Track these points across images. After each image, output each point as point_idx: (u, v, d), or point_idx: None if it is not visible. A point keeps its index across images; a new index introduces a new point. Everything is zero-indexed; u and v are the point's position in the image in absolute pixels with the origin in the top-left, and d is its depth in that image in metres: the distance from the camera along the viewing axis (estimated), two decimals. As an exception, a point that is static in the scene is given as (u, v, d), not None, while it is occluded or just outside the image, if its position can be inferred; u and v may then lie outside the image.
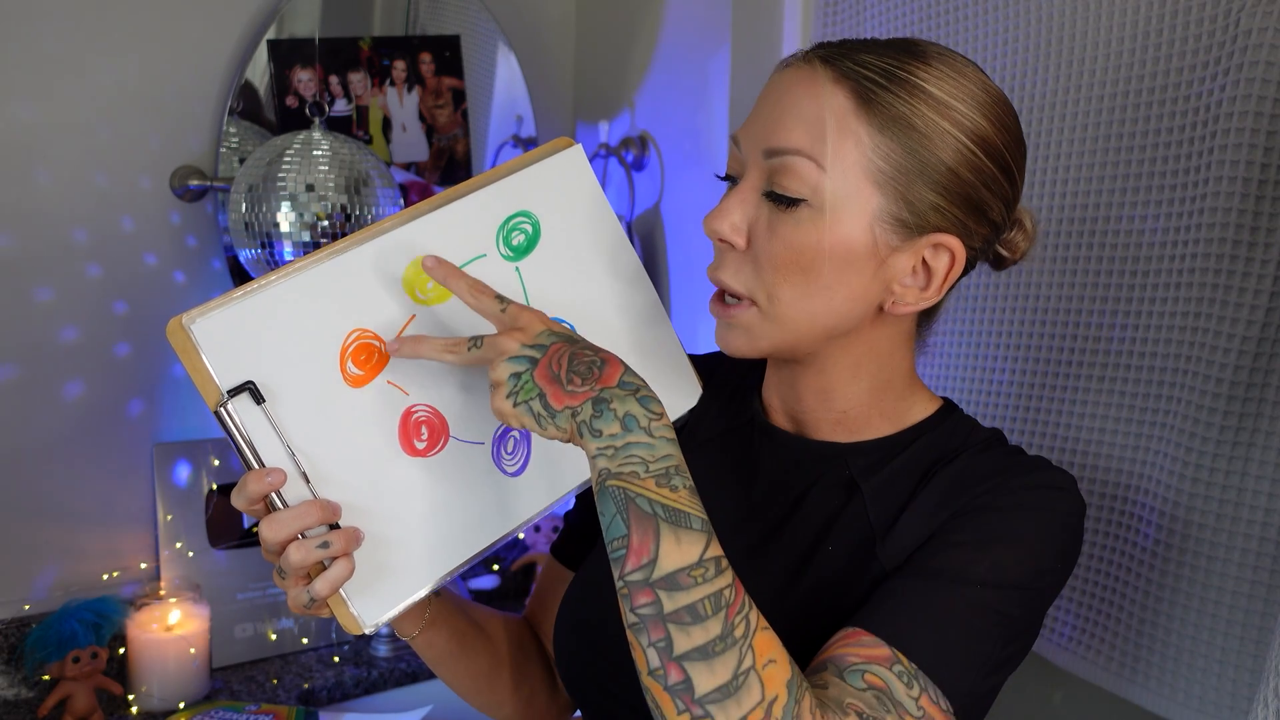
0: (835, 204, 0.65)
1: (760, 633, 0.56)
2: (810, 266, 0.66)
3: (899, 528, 0.68)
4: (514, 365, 0.61)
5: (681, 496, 0.57)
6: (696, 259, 1.41)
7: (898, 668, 0.60)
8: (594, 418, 0.58)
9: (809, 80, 0.66)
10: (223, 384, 0.60)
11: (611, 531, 0.57)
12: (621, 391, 0.59)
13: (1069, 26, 0.92)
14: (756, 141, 0.67)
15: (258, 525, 0.62)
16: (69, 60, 1.22)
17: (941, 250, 0.67)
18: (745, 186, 0.68)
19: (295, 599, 0.62)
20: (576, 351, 0.61)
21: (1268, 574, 0.80)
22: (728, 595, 0.56)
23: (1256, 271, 0.79)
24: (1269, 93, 0.77)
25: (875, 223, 0.65)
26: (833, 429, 0.74)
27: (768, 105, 0.68)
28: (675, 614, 0.54)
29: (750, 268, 0.68)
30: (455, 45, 1.48)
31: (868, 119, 0.64)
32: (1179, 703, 0.86)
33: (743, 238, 0.68)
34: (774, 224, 0.66)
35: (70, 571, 1.28)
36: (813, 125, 0.65)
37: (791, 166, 0.65)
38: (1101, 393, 0.92)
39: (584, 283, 0.74)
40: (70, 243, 1.24)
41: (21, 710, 1.19)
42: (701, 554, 0.56)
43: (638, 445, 0.58)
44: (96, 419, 1.28)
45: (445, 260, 0.66)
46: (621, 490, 0.56)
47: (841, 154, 0.64)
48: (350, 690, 1.31)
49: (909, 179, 0.64)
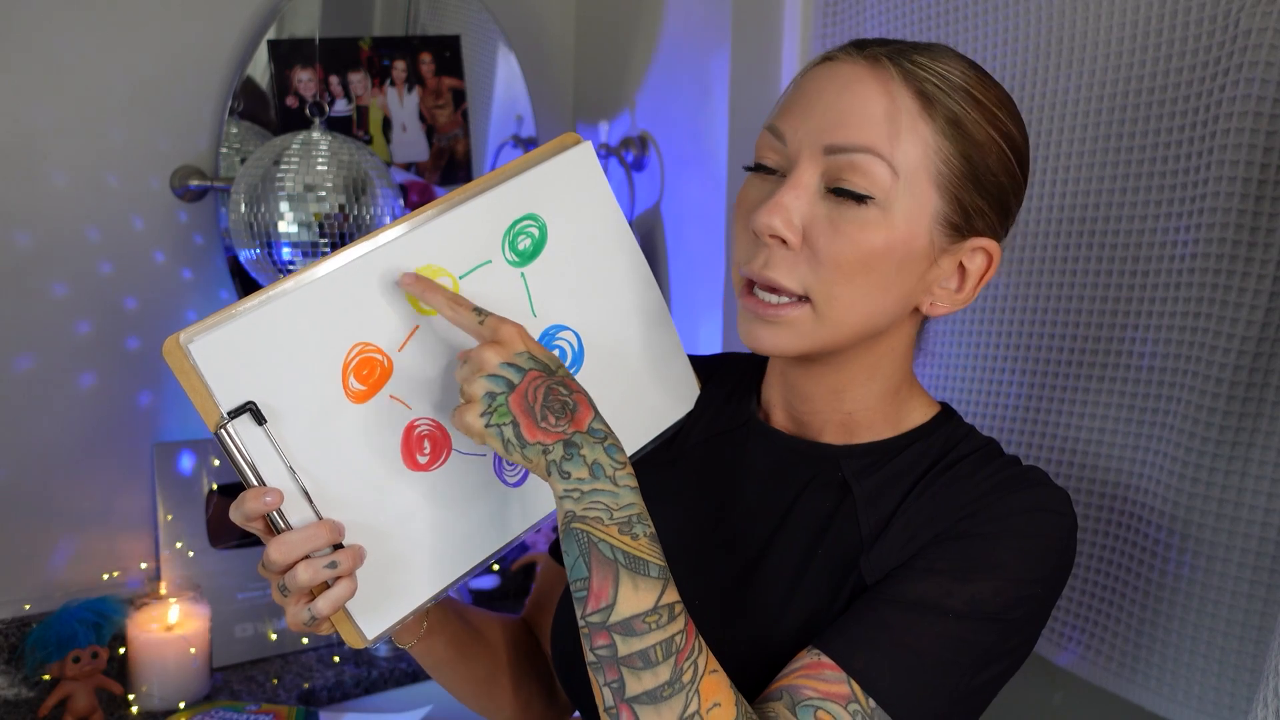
0: (903, 204, 0.64)
1: (708, 676, 0.59)
2: (874, 267, 0.65)
3: (885, 539, 0.68)
4: (491, 384, 0.60)
5: (642, 544, 0.59)
6: (696, 259, 1.41)
7: (853, 707, 0.60)
8: (564, 459, 0.59)
9: (875, 78, 0.65)
10: (223, 405, 0.59)
11: (574, 572, 0.59)
12: (591, 438, 0.60)
13: (1069, 26, 0.92)
14: (815, 136, 0.65)
15: (259, 539, 0.61)
16: (72, 63, 1.22)
17: (978, 252, 0.68)
18: (799, 182, 0.66)
19: (295, 616, 0.61)
20: (552, 387, 0.61)
21: (1268, 574, 0.80)
22: (679, 641, 0.58)
23: (1256, 271, 0.79)
24: (1269, 93, 0.77)
25: (933, 225, 0.66)
26: (835, 430, 0.74)
27: (825, 99, 0.66)
28: (629, 658, 0.57)
29: (807, 266, 0.66)
30: (455, 45, 1.48)
31: (930, 121, 0.64)
32: (1179, 703, 0.86)
33: (798, 235, 0.65)
34: (837, 222, 0.65)
35: (70, 571, 1.28)
36: (882, 123, 0.64)
37: (860, 164, 0.64)
38: (1101, 393, 0.92)
39: (590, 286, 0.73)
40: (83, 240, 1.25)
41: (21, 710, 1.19)
42: (657, 601, 0.58)
43: (603, 493, 0.59)
44: (104, 413, 1.28)
45: (421, 276, 0.64)
46: (585, 534, 0.58)
47: (910, 154, 0.64)
48: (350, 690, 1.31)
49: (962, 182, 0.65)
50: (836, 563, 0.69)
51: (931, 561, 0.65)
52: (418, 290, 0.64)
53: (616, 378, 0.75)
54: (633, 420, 0.76)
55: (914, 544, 0.66)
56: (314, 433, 0.62)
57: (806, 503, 0.72)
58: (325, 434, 0.62)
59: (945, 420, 0.74)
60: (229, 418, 0.59)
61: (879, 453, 0.72)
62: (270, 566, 0.60)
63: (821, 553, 0.70)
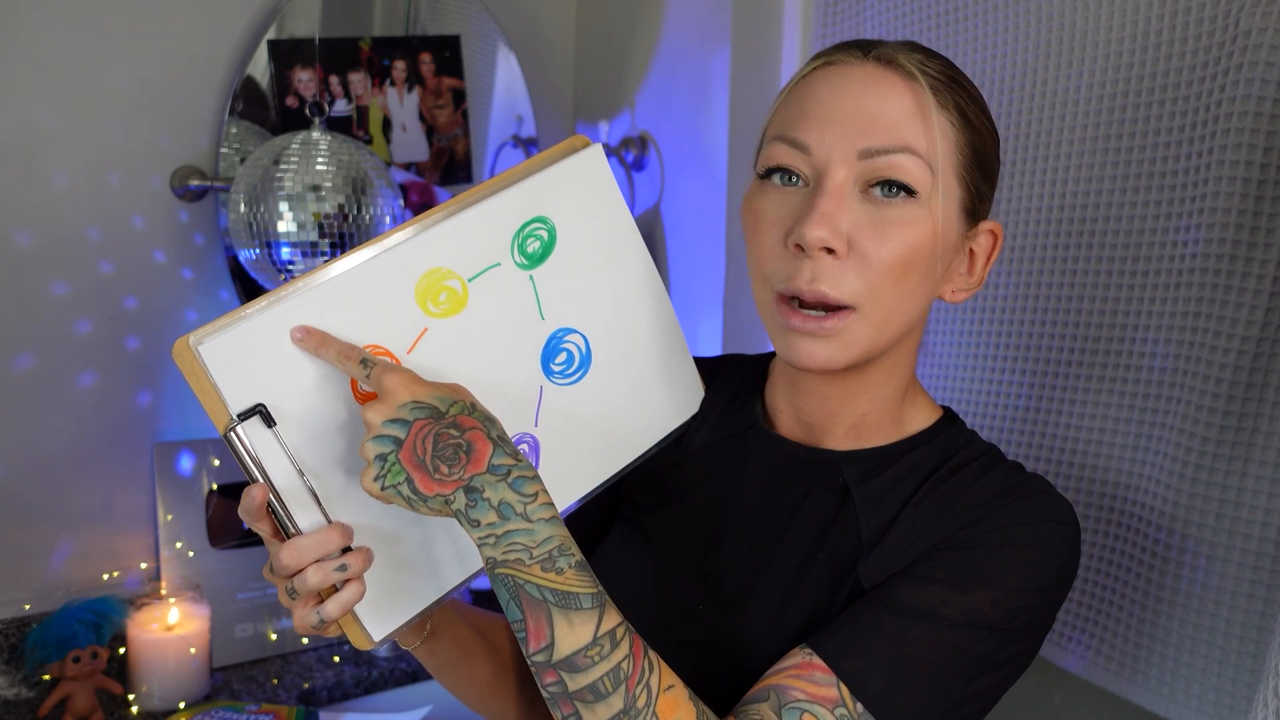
0: (938, 198, 0.66)
1: (663, 695, 0.58)
2: (918, 264, 0.66)
3: (885, 545, 0.67)
4: (379, 446, 0.58)
5: (569, 578, 0.58)
6: (696, 259, 1.41)
7: (840, 711, 0.60)
8: (469, 507, 0.58)
9: (892, 78, 0.66)
10: (233, 407, 0.59)
11: (510, 614, 0.58)
12: (492, 477, 0.58)
13: (1069, 26, 0.92)
14: (846, 142, 0.65)
15: (259, 539, 0.61)
16: (73, 63, 1.22)
17: (984, 234, 0.71)
18: (836, 190, 0.65)
19: (304, 620, 0.61)
20: (441, 432, 0.58)
21: (1268, 574, 0.80)
22: (626, 668, 0.57)
23: (1256, 271, 0.79)
24: (1269, 93, 0.77)
25: (958, 214, 0.68)
26: (843, 434, 0.73)
27: (846, 104, 0.65)
28: (579, 693, 0.57)
29: (855, 273, 0.65)
30: (455, 45, 1.48)
31: (946, 113, 0.66)
32: (1179, 703, 0.86)
33: (845, 244, 0.64)
34: (881, 225, 0.64)
35: (70, 571, 1.28)
36: (910, 121, 0.65)
37: (900, 164, 0.64)
38: (1101, 393, 0.92)
39: (598, 289, 0.73)
40: (84, 240, 1.25)
41: (21, 710, 1.19)
42: (595, 633, 0.57)
43: (518, 533, 0.58)
44: (105, 413, 1.28)
45: (313, 329, 0.61)
46: (510, 578, 0.57)
47: (939, 148, 0.65)
48: (350, 690, 1.31)
49: (972, 169, 0.68)
50: (836, 567, 0.69)
51: (931, 570, 0.64)
52: (310, 346, 0.61)
53: (624, 380, 0.75)
54: (639, 423, 0.76)
55: (914, 550, 0.66)
56: (323, 435, 0.62)
57: (808, 508, 0.72)
58: (334, 436, 0.62)
59: (948, 425, 0.74)
60: (239, 420, 0.59)
61: (880, 458, 0.72)
62: (280, 571, 0.60)
63: (821, 557, 0.69)
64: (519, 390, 0.70)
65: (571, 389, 0.72)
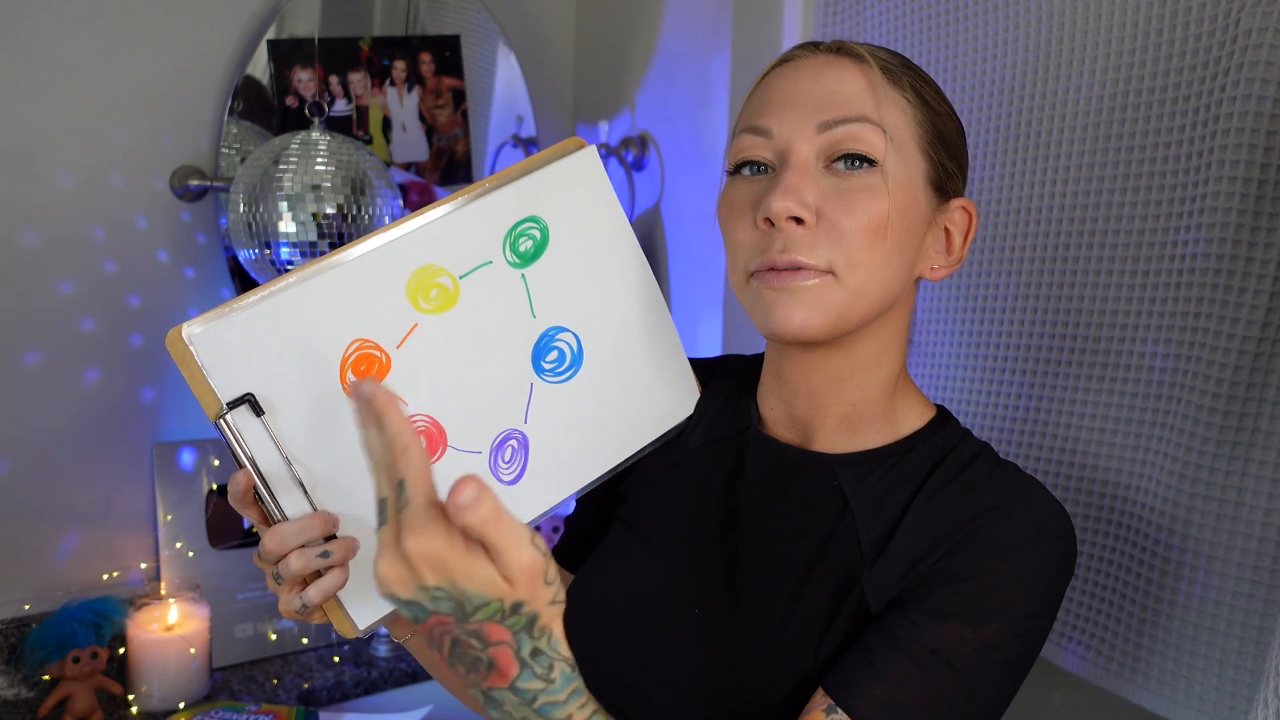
0: (898, 166, 0.67)
1: None
2: (891, 231, 0.67)
3: (887, 558, 0.67)
4: (393, 602, 0.53)
5: None
6: (696, 259, 1.41)
7: None
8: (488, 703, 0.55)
9: (842, 62, 0.69)
10: (222, 396, 0.60)
11: None
12: (515, 698, 0.54)
13: (1069, 26, 0.92)
14: (805, 118, 0.68)
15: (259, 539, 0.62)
16: (76, 66, 1.22)
17: (958, 211, 0.72)
18: (800, 164, 0.67)
19: (287, 604, 0.63)
20: (460, 639, 0.52)
21: (1268, 574, 0.80)
22: None
23: (1256, 271, 0.79)
24: (1269, 93, 0.77)
25: (924, 185, 0.69)
26: (836, 427, 0.73)
27: (802, 87, 0.69)
28: None
29: (827, 242, 0.66)
30: (455, 45, 1.48)
31: (899, 89, 0.69)
32: (1179, 703, 0.86)
33: (813, 214, 0.66)
34: (847, 194, 0.67)
35: (70, 571, 1.28)
36: (863, 95, 0.68)
37: (857, 133, 0.67)
38: (1101, 393, 0.92)
39: (591, 289, 0.73)
40: (88, 240, 1.26)
41: (21, 710, 1.19)
42: None
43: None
44: (107, 410, 1.28)
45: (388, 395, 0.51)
46: None
47: (893, 118, 0.68)
48: (350, 690, 1.31)
49: (936, 145, 0.70)
50: (836, 580, 0.68)
51: (941, 604, 0.64)
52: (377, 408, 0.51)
53: (616, 379, 0.75)
54: (632, 422, 0.76)
55: (914, 572, 0.66)
56: (311, 425, 0.63)
57: (805, 516, 0.72)
58: (322, 426, 0.63)
59: (942, 424, 0.74)
60: (228, 408, 0.60)
61: (876, 460, 0.72)
62: (265, 556, 0.62)
63: (821, 569, 0.69)
64: (508, 386, 0.70)
65: (562, 387, 0.73)
